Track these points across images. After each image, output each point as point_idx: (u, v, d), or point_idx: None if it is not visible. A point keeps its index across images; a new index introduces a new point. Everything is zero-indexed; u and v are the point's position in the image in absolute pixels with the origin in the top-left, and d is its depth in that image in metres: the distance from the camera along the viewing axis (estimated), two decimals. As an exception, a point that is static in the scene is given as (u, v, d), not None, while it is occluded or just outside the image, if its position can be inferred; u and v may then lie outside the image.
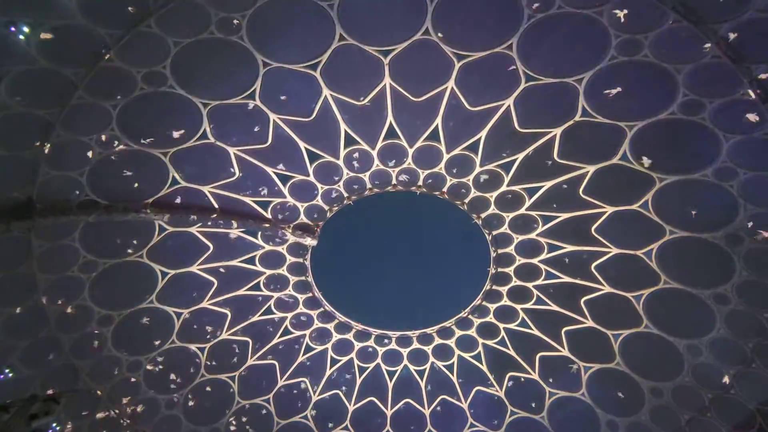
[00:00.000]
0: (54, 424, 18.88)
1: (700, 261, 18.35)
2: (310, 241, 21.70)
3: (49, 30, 14.29)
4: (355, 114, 18.54)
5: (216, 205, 20.19)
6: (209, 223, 19.90)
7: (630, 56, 15.39)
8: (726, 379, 18.64)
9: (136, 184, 18.70)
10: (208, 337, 22.55)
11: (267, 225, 20.85)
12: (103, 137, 17.17)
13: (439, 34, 15.99)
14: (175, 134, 17.98)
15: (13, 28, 13.97)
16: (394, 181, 21.28)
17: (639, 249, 19.40)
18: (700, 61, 14.77)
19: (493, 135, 18.78)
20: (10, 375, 18.34)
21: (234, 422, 23.52)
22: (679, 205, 17.97)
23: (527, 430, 23.29)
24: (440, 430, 24.50)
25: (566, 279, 21.36)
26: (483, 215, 21.57)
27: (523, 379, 23.31)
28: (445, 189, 21.25)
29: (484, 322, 23.58)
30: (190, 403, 22.66)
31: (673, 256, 18.85)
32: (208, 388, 22.93)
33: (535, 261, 21.79)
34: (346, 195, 21.50)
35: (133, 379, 21.50)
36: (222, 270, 21.69)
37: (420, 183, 21.28)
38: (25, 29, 14.12)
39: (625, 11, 14.47)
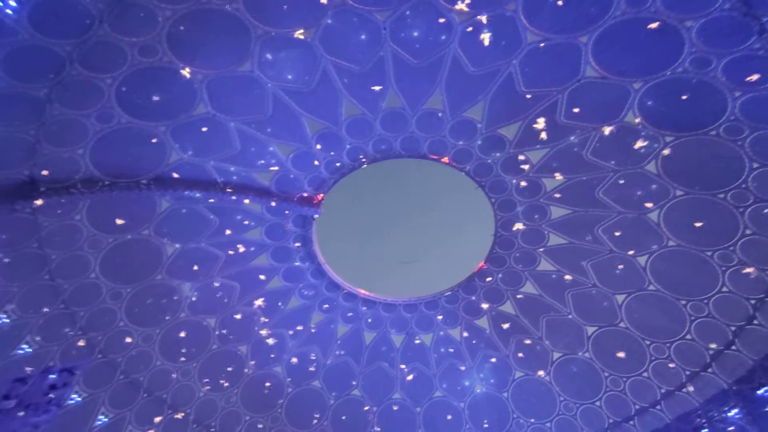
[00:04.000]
0: (74, 396, 19.55)
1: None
2: (313, 212, 21.71)
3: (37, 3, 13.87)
4: (355, 81, 18.17)
5: (219, 179, 20.16)
6: (213, 198, 19.93)
7: (636, 12, 14.88)
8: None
9: (137, 160, 18.62)
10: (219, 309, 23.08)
11: (270, 197, 20.83)
12: (101, 113, 16.98)
13: None
14: (174, 107, 17.74)
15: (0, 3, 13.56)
16: (398, 149, 21.07)
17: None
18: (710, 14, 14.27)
19: (497, 98, 18.44)
20: (29, 350, 18.79)
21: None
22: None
23: (531, 390, 23.95)
24: (447, 393, 25.25)
25: (571, 242, 21.43)
26: (487, 181, 21.45)
27: (527, 342, 23.76)
28: (449, 155, 21.03)
29: (489, 286, 23.84)
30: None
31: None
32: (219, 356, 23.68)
33: (540, 225, 21.79)
34: (349, 164, 21.36)
35: (147, 350, 22.09)
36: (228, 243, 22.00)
37: (424, 150, 21.06)
38: (12, 3, 13.71)
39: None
